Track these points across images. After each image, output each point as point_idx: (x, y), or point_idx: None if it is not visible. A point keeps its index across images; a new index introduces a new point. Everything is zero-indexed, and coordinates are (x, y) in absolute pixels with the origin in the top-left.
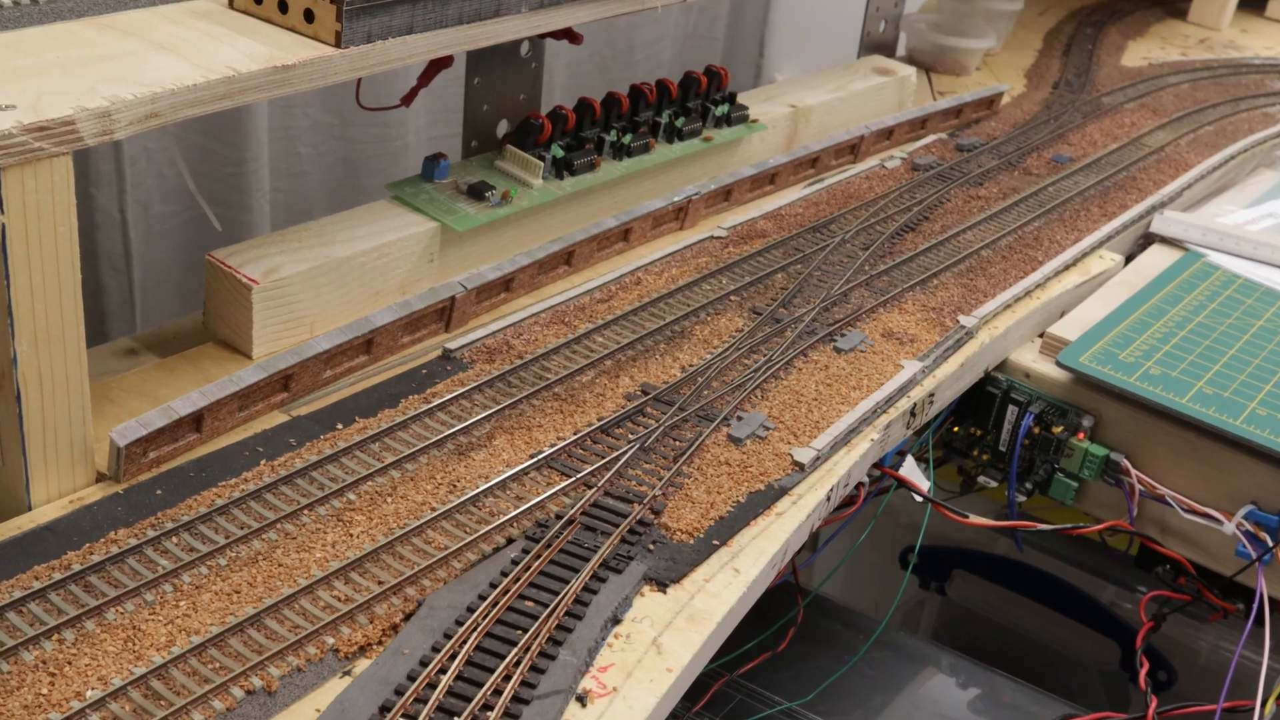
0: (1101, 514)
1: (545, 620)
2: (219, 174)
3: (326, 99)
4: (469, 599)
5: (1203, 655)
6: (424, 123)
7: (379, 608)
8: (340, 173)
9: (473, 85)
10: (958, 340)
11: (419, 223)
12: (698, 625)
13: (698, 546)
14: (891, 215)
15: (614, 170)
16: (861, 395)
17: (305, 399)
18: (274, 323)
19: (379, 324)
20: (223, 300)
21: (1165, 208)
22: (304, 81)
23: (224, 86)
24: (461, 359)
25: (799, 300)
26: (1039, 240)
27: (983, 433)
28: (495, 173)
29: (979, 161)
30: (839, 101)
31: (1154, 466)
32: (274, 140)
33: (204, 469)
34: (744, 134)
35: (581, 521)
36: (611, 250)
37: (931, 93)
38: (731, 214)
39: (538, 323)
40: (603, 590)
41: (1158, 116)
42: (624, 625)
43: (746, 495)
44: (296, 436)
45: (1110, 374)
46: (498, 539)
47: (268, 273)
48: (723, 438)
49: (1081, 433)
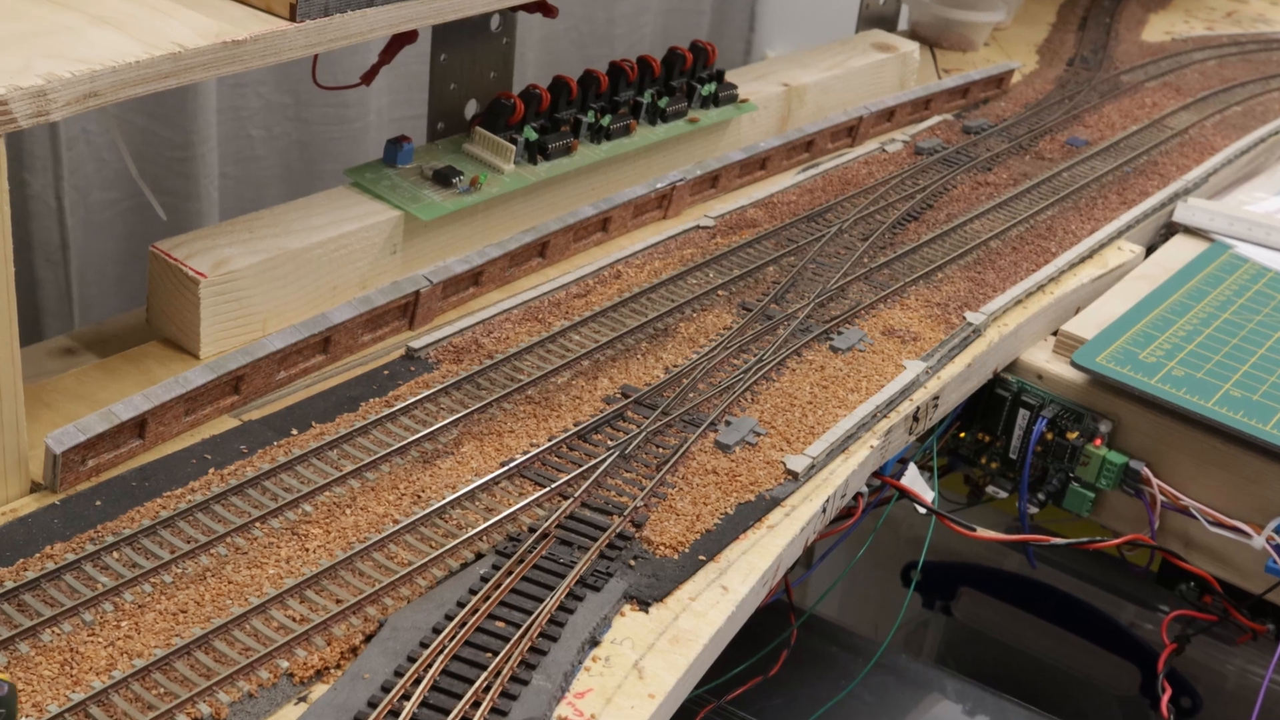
0: (1120, 527)
1: (517, 642)
2: (164, 158)
3: (280, 77)
4: (434, 619)
5: (1230, 680)
6: (386, 103)
7: (337, 628)
8: (295, 157)
9: (439, 62)
10: (964, 339)
11: (380, 211)
12: (682, 647)
13: (682, 562)
14: (892, 203)
15: (592, 154)
16: (860, 398)
17: (257, 402)
18: (223, 320)
19: (337, 321)
20: (168, 295)
21: (1189, 195)
22: (256, 58)
23: (169, 64)
24: (426, 359)
25: (792, 295)
26: (1052, 230)
27: (991, 439)
28: (463, 157)
29: (987, 145)
30: (836, 80)
31: (1177, 475)
32: (223, 122)
33: (147, 478)
34: (733, 115)
35: (556, 535)
36: (589, 241)
37: (936, 70)
38: (719, 202)
39: (509, 320)
40: (579, 610)
41: (1181, 96)
42: (602, 647)
43: (735, 507)
44: (248, 443)
45: (1130, 375)
46: (466, 554)
47: (216, 265)
48: (710, 444)
49: (1099, 439)
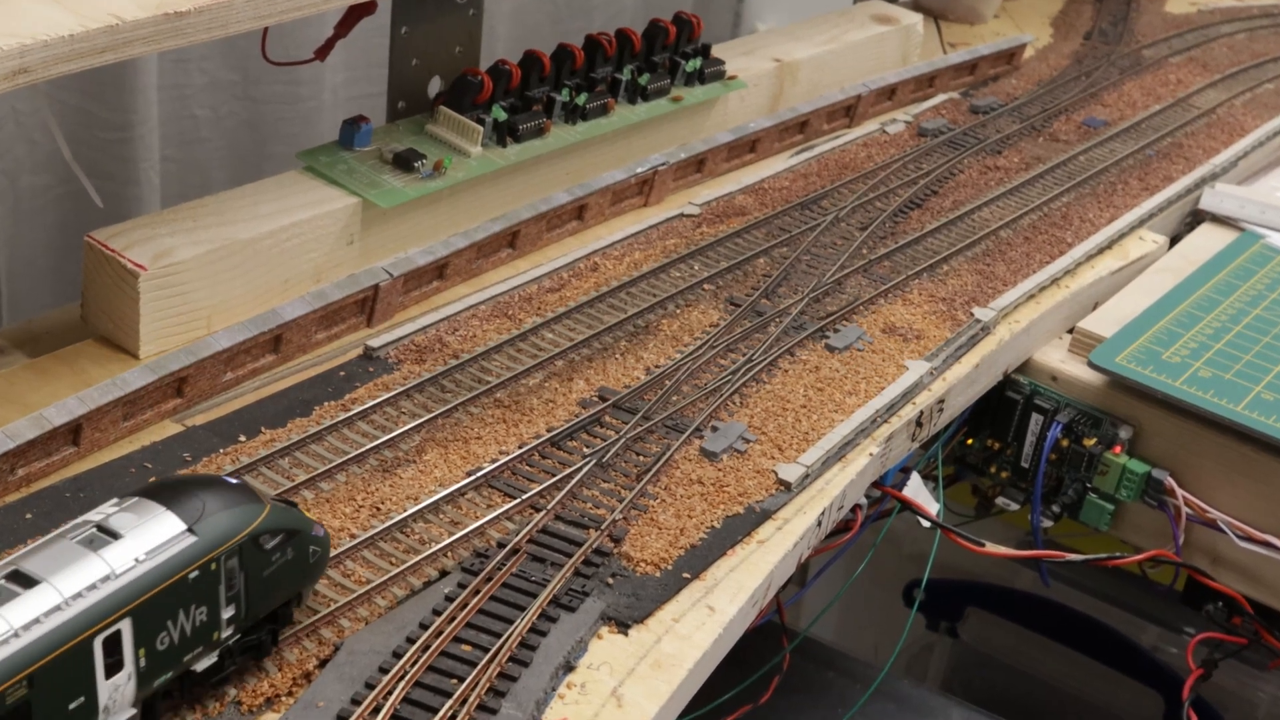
0: (1142, 542)
1: (485, 667)
2: (100, 140)
3: (227, 52)
4: (395, 642)
5: (1261, 708)
6: (342, 80)
7: (289, 652)
8: (243, 139)
9: (400, 36)
10: (972, 337)
11: (336, 198)
12: (665, 673)
13: (665, 580)
14: (894, 189)
15: (566, 136)
16: (858, 402)
17: (202, 406)
18: (165, 316)
19: (289, 318)
20: (104, 289)
21: (1217, 180)
22: (200, 31)
23: (106, 37)
24: (386, 359)
25: (784, 289)
26: (1068, 219)
27: (1002, 446)
28: (426, 139)
29: (997, 125)
30: (832, 55)
31: (1204, 486)
32: (165, 101)
33: (82, 489)
34: (719, 93)
35: (528, 551)
36: (563, 231)
37: (941, 45)
38: (705, 188)
39: (476, 316)
40: (553, 632)
41: (1208, 72)
42: (578, 673)
43: (722, 520)
44: (191, 450)
45: (1152, 376)
46: (429, 572)
47: (157, 257)
48: (694, 452)
49: (1118, 446)
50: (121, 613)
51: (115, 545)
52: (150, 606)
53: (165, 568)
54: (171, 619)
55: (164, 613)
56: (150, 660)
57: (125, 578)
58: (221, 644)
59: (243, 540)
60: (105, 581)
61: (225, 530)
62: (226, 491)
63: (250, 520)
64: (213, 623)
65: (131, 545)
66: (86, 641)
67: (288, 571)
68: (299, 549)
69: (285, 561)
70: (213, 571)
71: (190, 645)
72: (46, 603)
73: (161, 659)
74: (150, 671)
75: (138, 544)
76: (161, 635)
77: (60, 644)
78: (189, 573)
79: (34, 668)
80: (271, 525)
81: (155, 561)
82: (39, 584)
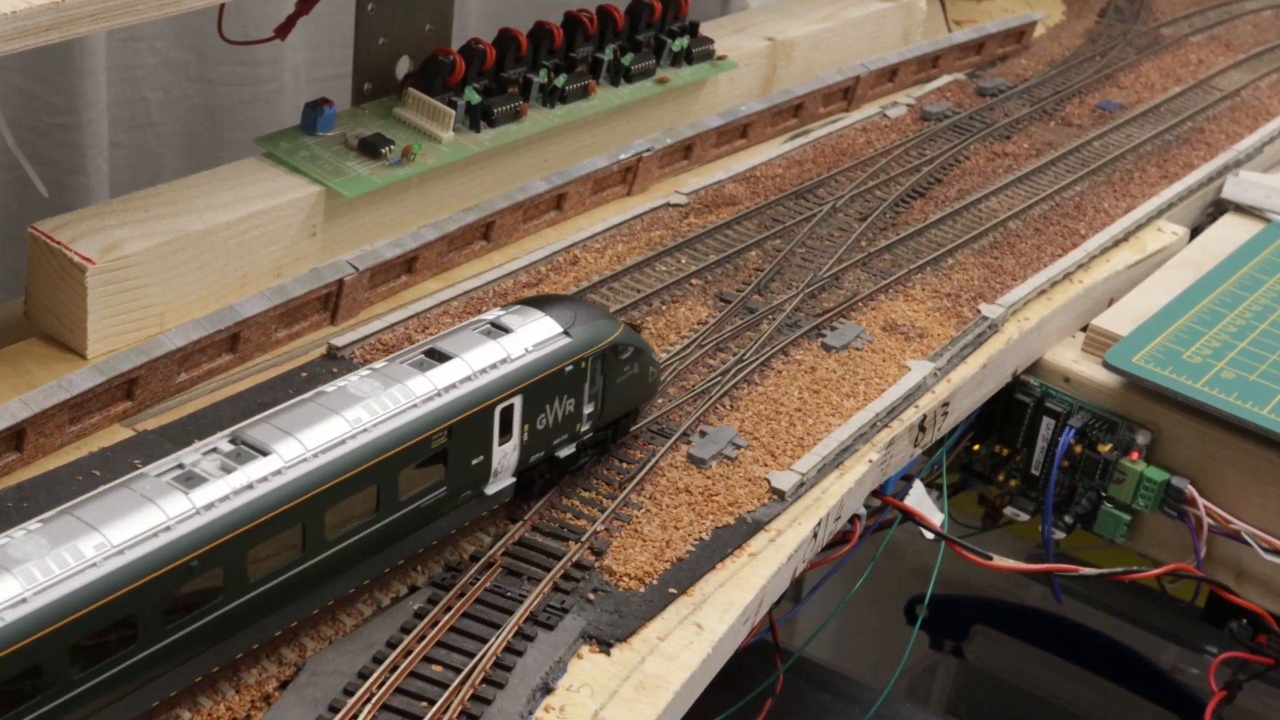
0: (1160, 555)
1: (457, 689)
2: (45, 125)
3: (181, 30)
4: (361, 662)
5: None
6: (304, 60)
7: (247, 673)
8: (198, 123)
9: (365, 13)
10: (978, 335)
11: (297, 186)
12: (650, 695)
13: (650, 596)
14: (895, 177)
15: (544, 120)
16: (857, 405)
17: (154, 409)
18: (114, 313)
19: (247, 315)
20: (49, 284)
21: (1240, 168)
22: (152, 7)
23: (50, 14)
24: (351, 359)
25: (778, 285)
26: (1081, 209)
27: (1010, 452)
28: (394, 123)
29: (1005, 109)
30: (829, 33)
31: (1227, 494)
32: (114, 83)
33: (26, 497)
34: (708, 74)
35: (503, 564)
36: (541, 221)
37: (946, 22)
38: (692, 175)
39: (448, 313)
40: (530, 651)
41: (1231, 52)
42: (557, 695)
43: (712, 531)
44: (143, 456)
45: (1171, 378)
46: (397, 586)
47: (106, 250)
48: (682, 458)
49: (1135, 452)
50: (515, 389)
51: (508, 337)
52: (535, 389)
53: (547, 359)
54: (549, 404)
55: (544, 397)
56: (530, 436)
57: (518, 362)
58: (579, 436)
59: (604, 348)
60: (503, 363)
61: (592, 336)
62: (591, 308)
63: (610, 333)
64: (576, 415)
65: (521, 338)
66: (489, 409)
67: (633, 384)
68: (643, 367)
69: (633, 374)
70: (581, 370)
71: (558, 431)
72: (460, 373)
73: (538, 438)
74: (529, 446)
75: (525, 338)
76: (541, 416)
77: (470, 407)
78: (564, 366)
79: (453, 421)
80: (625, 340)
81: (540, 354)
82: (453, 359)
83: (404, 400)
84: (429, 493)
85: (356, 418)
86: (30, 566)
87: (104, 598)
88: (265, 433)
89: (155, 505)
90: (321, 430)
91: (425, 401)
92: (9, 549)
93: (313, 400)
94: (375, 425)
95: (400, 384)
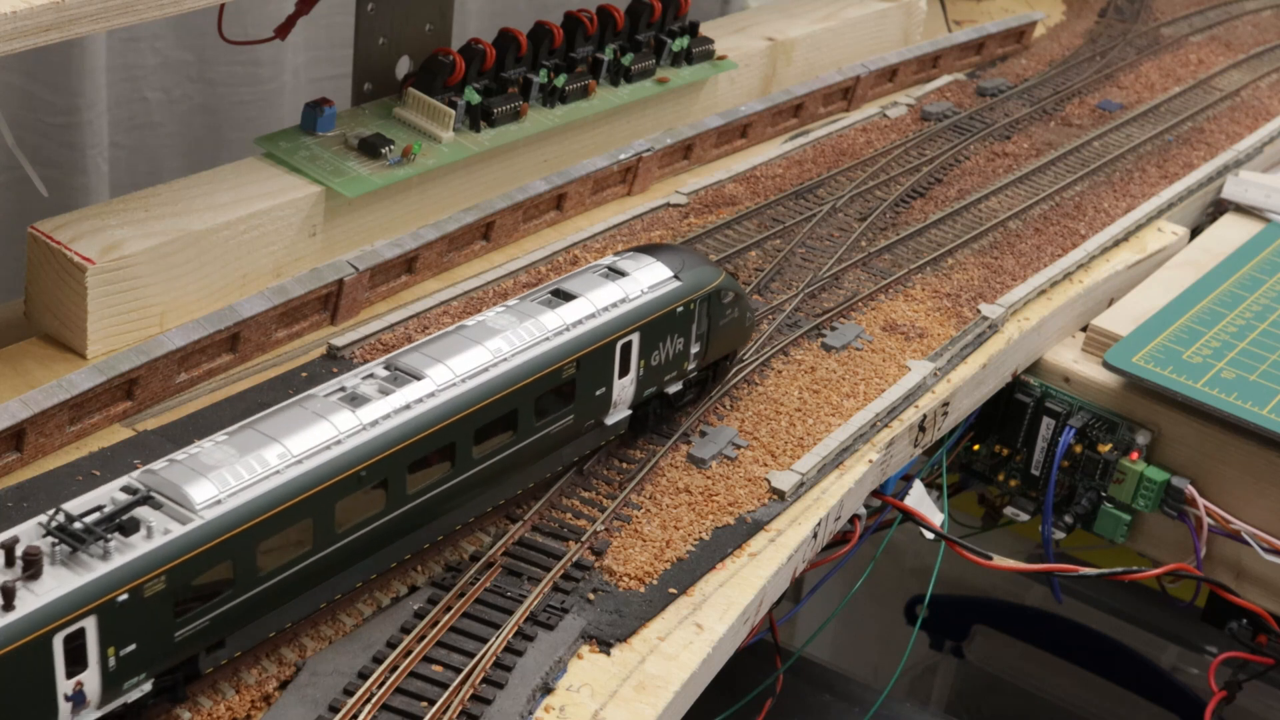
0: (1160, 555)
1: (457, 689)
2: (45, 125)
3: (181, 30)
4: (360, 662)
5: None
6: (304, 60)
7: (247, 673)
8: (198, 123)
9: (366, 13)
10: (978, 335)
11: (297, 187)
12: (650, 695)
13: (650, 596)
14: (895, 177)
15: (544, 120)
16: (857, 405)
17: (154, 409)
18: (114, 313)
19: (247, 315)
20: (49, 284)
21: (1241, 168)
22: (153, 7)
23: (51, 14)
24: (351, 359)
25: (778, 284)
26: (1081, 209)
27: (1011, 452)
28: (394, 123)
29: (1005, 109)
30: (829, 33)
31: (1227, 494)
32: (114, 83)
33: (26, 498)
34: (708, 74)
35: (503, 564)
36: (541, 222)
37: (946, 22)
38: (692, 175)
39: (448, 313)
40: (530, 651)
41: (1231, 52)
42: (557, 695)
43: (711, 531)
44: (143, 457)
45: (1171, 378)
46: (397, 586)
47: (106, 250)
48: (682, 458)
49: (1135, 452)
50: (633, 327)
51: (625, 279)
52: (650, 328)
53: (661, 300)
54: (661, 342)
55: (657, 335)
56: (645, 372)
57: (635, 302)
58: (686, 375)
59: (709, 292)
60: (623, 302)
61: (700, 281)
62: (697, 255)
63: (715, 278)
64: (684, 354)
65: (637, 280)
66: (610, 344)
67: (733, 328)
68: (741, 312)
69: (733, 319)
70: (690, 311)
71: (669, 369)
72: (584, 311)
73: (651, 374)
74: (644, 381)
75: (641, 280)
76: (654, 353)
77: (595, 341)
78: (676, 308)
79: (581, 354)
80: (727, 286)
81: (654, 295)
82: (576, 298)
83: (538, 333)
84: (558, 420)
85: (497, 348)
86: (223, 472)
87: (287, 501)
88: (417, 360)
89: (327, 421)
90: (467, 358)
91: (556, 335)
92: (201, 456)
93: (456, 333)
94: (514, 355)
95: (533, 319)
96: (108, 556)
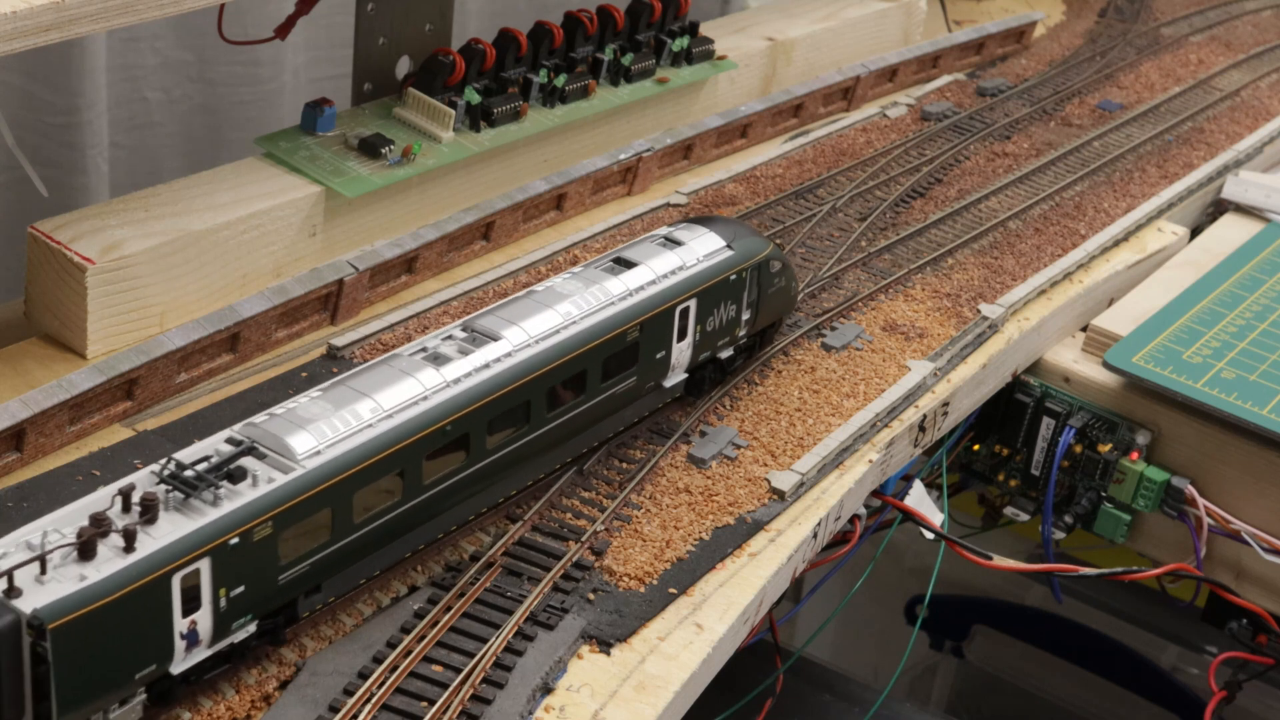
0: (1160, 555)
1: (457, 689)
2: (45, 126)
3: (181, 30)
4: (360, 662)
5: None
6: (304, 60)
7: (247, 673)
8: (198, 123)
9: (366, 13)
10: (978, 335)
11: (297, 187)
12: (650, 695)
13: (650, 596)
14: (895, 177)
15: (544, 120)
16: (857, 405)
17: (154, 409)
18: (114, 313)
19: (247, 315)
20: (49, 284)
21: (1241, 168)
22: (153, 7)
23: (51, 14)
24: (351, 359)
25: None
26: (1081, 209)
27: (1010, 452)
28: (394, 123)
29: (1005, 109)
30: (829, 33)
31: (1227, 494)
32: (114, 83)
33: (26, 498)
34: (708, 74)
35: (503, 564)
36: (541, 222)
37: (946, 22)
38: (692, 175)
39: (447, 313)
40: (530, 651)
41: (1231, 52)
42: (557, 695)
43: (711, 531)
44: (143, 457)
45: (1171, 378)
46: (397, 586)
47: (106, 250)
48: (682, 458)
49: (1135, 452)
50: (691, 293)
51: (680, 249)
52: (706, 294)
53: (715, 268)
54: (716, 308)
55: (712, 302)
56: (701, 337)
57: (692, 270)
58: (737, 341)
59: (759, 261)
60: (680, 270)
61: (750, 251)
62: (747, 227)
63: (764, 249)
64: (736, 320)
65: (693, 249)
66: (670, 310)
67: (780, 296)
68: (787, 281)
69: (780, 288)
70: (742, 279)
71: (721, 334)
72: (646, 277)
73: (706, 339)
74: (700, 345)
75: (696, 250)
76: (709, 319)
77: (657, 306)
78: (729, 275)
79: (644, 318)
80: (774, 256)
81: (709, 263)
82: (637, 265)
83: (603, 298)
84: (622, 381)
85: (567, 311)
86: (321, 424)
87: (380, 453)
88: (493, 322)
89: (413, 378)
90: (540, 320)
91: (620, 300)
92: (299, 411)
93: (527, 297)
94: (583, 318)
95: (598, 285)
96: (218, 503)
